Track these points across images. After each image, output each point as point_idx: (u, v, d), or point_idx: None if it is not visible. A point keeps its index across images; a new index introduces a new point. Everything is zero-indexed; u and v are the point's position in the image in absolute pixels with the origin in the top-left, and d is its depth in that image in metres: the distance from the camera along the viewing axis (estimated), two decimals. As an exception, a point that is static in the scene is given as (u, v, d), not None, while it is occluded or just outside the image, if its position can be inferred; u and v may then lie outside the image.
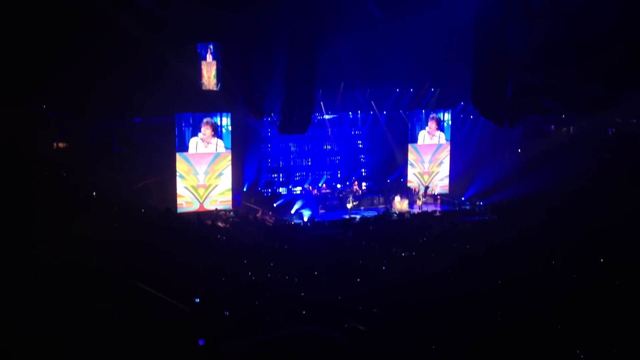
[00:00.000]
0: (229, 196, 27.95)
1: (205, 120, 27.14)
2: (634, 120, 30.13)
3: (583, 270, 15.59)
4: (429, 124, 32.83)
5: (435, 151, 33.09)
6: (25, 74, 22.22)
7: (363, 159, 33.70)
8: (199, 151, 27.21)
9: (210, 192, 27.56)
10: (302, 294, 13.67)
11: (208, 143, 27.34)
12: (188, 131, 27.10)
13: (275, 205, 28.97)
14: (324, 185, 31.98)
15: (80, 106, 25.44)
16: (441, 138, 33.05)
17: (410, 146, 32.94)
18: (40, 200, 15.75)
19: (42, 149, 23.56)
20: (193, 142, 27.10)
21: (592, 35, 17.80)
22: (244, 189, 29.67)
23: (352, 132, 33.44)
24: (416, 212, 29.12)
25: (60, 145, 26.65)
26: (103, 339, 4.63)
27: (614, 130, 31.02)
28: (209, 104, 27.40)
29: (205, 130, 27.19)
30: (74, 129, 26.76)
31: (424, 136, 32.92)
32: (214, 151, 27.46)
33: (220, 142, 27.50)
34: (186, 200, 27.22)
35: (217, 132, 27.43)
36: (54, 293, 8.51)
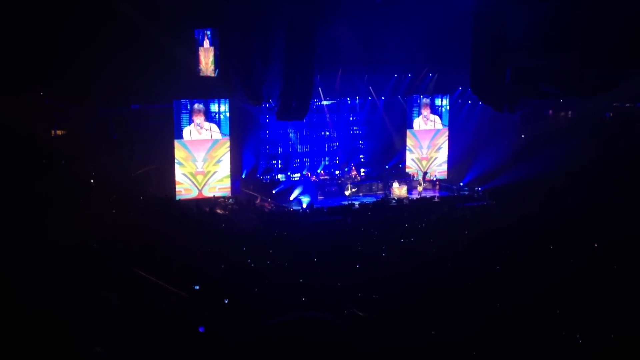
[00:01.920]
0: (227, 183, 27.94)
1: (195, 107, 27.00)
2: (632, 104, 30.09)
3: (582, 254, 15.64)
4: (422, 110, 32.80)
5: (434, 137, 33.07)
6: (23, 62, 22.13)
7: (362, 144, 33.68)
8: (193, 138, 27.16)
9: (208, 179, 27.55)
10: (301, 281, 13.71)
11: (202, 129, 27.25)
12: (186, 118, 27.03)
13: (274, 192, 29.00)
14: (323, 171, 31.98)
15: (78, 94, 25.37)
16: (437, 123, 33.02)
17: (408, 132, 32.92)
18: (40, 188, 15.76)
19: (40, 137, 23.50)
20: (187, 131, 27.02)
21: (590, 19, 17.78)
22: (243, 176, 29.66)
23: (351, 118, 33.39)
24: (415, 198, 29.15)
25: (59, 133, 26.63)
26: (103, 325, 4.65)
27: (611, 114, 31.00)
28: (207, 91, 27.33)
29: (198, 117, 27.11)
30: (72, 116, 26.73)
31: (419, 122, 32.89)
32: (211, 137, 27.42)
33: (215, 127, 27.43)
34: (185, 187, 27.22)
35: (209, 117, 27.33)
36: (54, 279, 8.54)
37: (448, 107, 33.14)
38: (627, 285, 12.39)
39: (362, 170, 32.47)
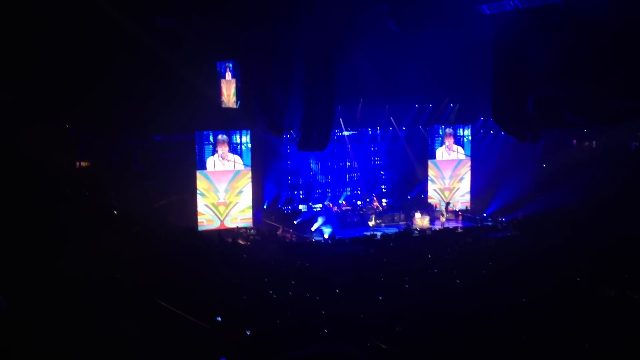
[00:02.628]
0: (249, 214, 27.98)
1: (219, 138, 27.20)
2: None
3: (608, 286, 15.34)
4: (445, 140, 32.73)
5: (456, 167, 32.92)
6: (48, 93, 22.52)
7: (383, 175, 33.62)
8: (217, 169, 27.31)
9: (230, 209, 27.62)
10: (324, 312, 13.58)
11: (226, 160, 27.42)
12: (208, 149, 27.21)
13: (295, 222, 28.95)
14: (344, 202, 31.93)
15: (101, 125, 25.71)
16: (460, 153, 32.90)
17: (430, 162, 32.82)
18: (64, 218, 15.88)
19: (65, 168, 23.78)
20: (210, 161, 27.20)
21: (611, 47, 17.68)
22: (264, 207, 29.70)
23: (372, 148, 33.41)
24: (438, 229, 28.92)
25: (83, 164, 26.93)
26: (124, 355, 4.62)
27: (637, 143, 30.67)
28: (229, 122, 27.55)
29: (222, 148, 27.28)
30: (96, 147, 27.05)
31: (442, 152, 32.80)
32: (233, 168, 27.55)
33: (238, 158, 27.59)
34: (207, 218, 27.29)
35: (233, 148, 27.51)
36: (77, 309, 8.54)
37: (470, 137, 33.03)
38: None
39: (383, 200, 32.36)
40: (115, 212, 22.22)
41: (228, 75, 27.49)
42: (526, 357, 10.36)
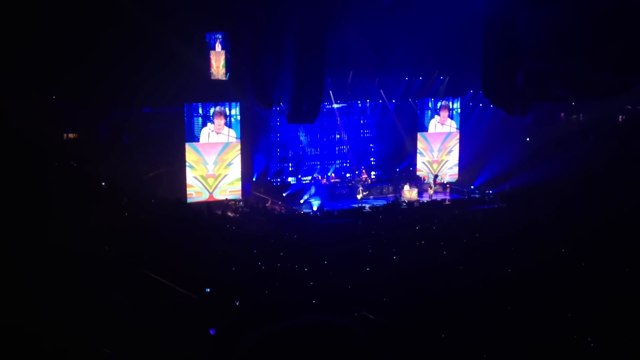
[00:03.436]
0: (238, 186, 28.00)
1: (217, 109, 27.13)
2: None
3: (593, 258, 15.55)
4: (440, 112, 32.74)
5: (445, 139, 33.01)
6: (35, 66, 22.29)
7: (372, 147, 33.65)
8: (211, 141, 27.25)
9: (219, 182, 27.62)
10: (312, 283, 13.71)
11: (220, 133, 27.38)
12: (197, 121, 27.12)
13: (284, 194, 29.02)
14: (333, 174, 31.99)
15: (90, 97, 25.51)
16: (452, 126, 32.97)
17: (419, 135, 32.87)
18: (52, 191, 15.86)
19: (53, 140, 23.65)
20: (205, 132, 27.12)
21: (602, 21, 17.67)
22: (253, 179, 29.71)
23: (361, 121, 33.38)
24: (426, 201, 29.08)
25: (71, 136, 26.79)
26: (116, 327, 4.66)
27: (623, 117, 30.82)
28: (218, 94, 27.42)
29: (219, 121, 27.21)
30: (84, 119, 26.89)
31: (435, 125, 32.84)
32: (224, 141, 27.50)
33: (232, 131, 27.54)
34: (196, 190, 27.29)
35: (227, 121, 27.45)
36: (67, 282, 8.58)
37: (459, 110, 33.07)
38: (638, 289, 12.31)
39: (372, 173, 32.44)
40: (104, 184, 22.19)
41: (218, 46, 27.28)
42: (512, 328, 10.53)
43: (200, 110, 27.15)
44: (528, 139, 31.97)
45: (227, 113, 27.43)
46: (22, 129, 18.59)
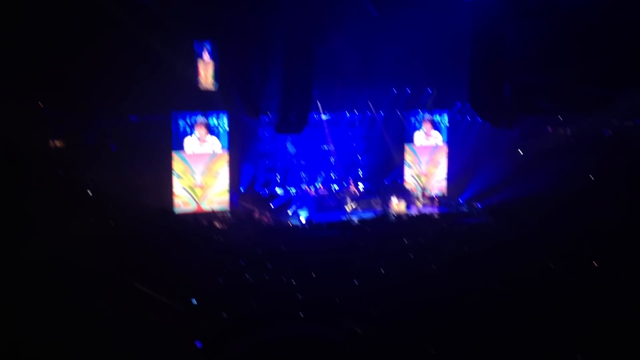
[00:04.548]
0: (226, 196, 27.87)
1: (197, 120, 27.03)
2: (631, 122, 30.13)
3: (580, 273, 15.54)
4: (423, 125, 32.84)
5: (432, 152, 33.06)
6: (21, 71, 22.10)
7: (360, 159, 33.65)
8: (195, 151, 27.12)
9: (207, 192, 27.47)
10: (299, 295, 13.59)
11: (204, 142, 27.25)
12: (184, 130, 26.99)
13: (272, 205, 28.90)
14: (321, 185, 31.92)
15: (76, 104, 25.32)
16: (438, 139, 33.03)
17: (407, 147, 32.92)
18: (37, 198, 15.68)
19: (38, 147, 23.43)
20: (188, 142, 27.00)
21: (589, 34, 17.78)
22: (241, 189, 29.58)
23: (349, 132, 33.39)
24: (414, 214, 29.08)
25: (57, 143, 26.55)
26: (100, 338, 4.56)
27: (610, 131, 31.04)
28: (206, 103, 27.33)
29: (199, 130, 27.10)
30: (70, 126, 26.66)
31: (421, 137, 32.91)
32: (211, 151, 27.38)
33: (216, 140, 27.42)
34: (183, 200, 27.12)
35: (211, 130, 27.32)
36: (50, 292, 8.44)
37: (447, 124, 33.16)
38: (626, 304, 12.29)
39: (360, 184, 32.41)
40: (90, 192, 21.98)
41: (206, 56, 27.22)
42: (500, 342, 10.46)
43: (187, 119, 27.03)
44: (520, 152, 32.07)
45: (211, 123, 27.30)
46: (7, 134, 18.41)
